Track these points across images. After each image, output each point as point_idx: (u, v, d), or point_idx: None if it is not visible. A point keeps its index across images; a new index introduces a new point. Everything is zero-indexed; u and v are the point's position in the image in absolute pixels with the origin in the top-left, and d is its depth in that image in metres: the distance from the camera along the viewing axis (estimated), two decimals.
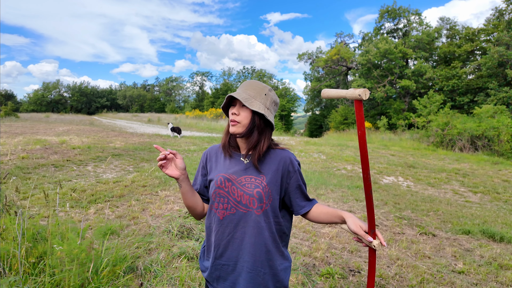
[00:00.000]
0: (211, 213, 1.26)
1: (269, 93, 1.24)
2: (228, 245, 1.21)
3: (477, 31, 24.47)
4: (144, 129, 19.22)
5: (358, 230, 1.10)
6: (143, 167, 7.08)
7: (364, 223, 1.13)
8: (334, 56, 29.98)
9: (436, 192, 6.35)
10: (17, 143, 9.25)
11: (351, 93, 0.94)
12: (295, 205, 1.29)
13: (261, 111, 1.18)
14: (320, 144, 13.86)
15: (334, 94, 1.04)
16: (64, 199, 4.48)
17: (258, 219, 1.19)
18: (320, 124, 35.04)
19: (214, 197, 1.23)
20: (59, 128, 15.83)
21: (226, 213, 1.21)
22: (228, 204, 1.20)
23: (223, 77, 50.10)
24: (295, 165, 1.27)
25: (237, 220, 1.19)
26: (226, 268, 1.23)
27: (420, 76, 24.25)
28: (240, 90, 1.23)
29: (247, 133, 1.21)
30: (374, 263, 1.16)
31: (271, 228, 1.21)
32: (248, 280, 1.20)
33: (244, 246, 1.20)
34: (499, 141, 12.00)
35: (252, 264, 1.19)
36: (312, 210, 1.30)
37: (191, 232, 3.44)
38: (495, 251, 3.38)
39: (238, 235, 1.20)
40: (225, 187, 1.21)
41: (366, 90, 0.92)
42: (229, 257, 1.22)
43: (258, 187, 1.19)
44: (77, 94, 54.60)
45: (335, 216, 1.21)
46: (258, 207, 1.18)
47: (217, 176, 1.25)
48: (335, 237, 3.61)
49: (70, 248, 2.08)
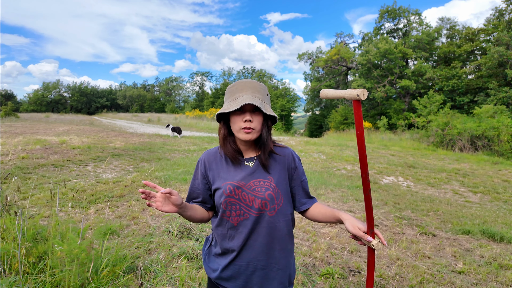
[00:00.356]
0: (223, 221, 1.24)
1: (267, 91, 1.25)
2: (243, 248, 1.22)
3: (477, 31, 24.47)
4: (144, 129, 19.22)
5: (356, 232, 1.10)
6: (143, 167, 7.08)
7: (363, 223, 1.12)
8: (334, 56, 29.98)
9: (436, 192, 6.35)
10: (17, 143, 9.25)
11: (350, 93, 0.94)
12: (297, 201, 1.32)
13: (274, 115, 1.19)
14: (320, 144, 13.86)
15: (332, 95, 1.04)
16: (64, 199, 4.48)
17: (272, 219, 1.21)
18: (320, 124, 35.02)
19: (225, 206, 1.21)
20: (59, 128, 15.83)
21: (239, 219, 1.21)
22: (241, 211, 1.20)
23: (223, 77, 50.15)
24: (296, 161, 1.31)
25: (251, 223, 1.20)
26: (238, 268, 1.24)
27: (420, 76, 24.24)
28: (249, 95, 1.17)
29: (264, 137, 1.22)
30: (373, 263, 1.16)
31: (283, 227, 1.24)
32: (262, 276, 1.22)
33: (259, 246, 1.21)
34: (499, 141, 12.00)
35: (265, 261, 1.22)
36: (311, 209, 1.32)
37: (191, 232, 3.44)
38: (495, 251, 3.38)
39: (253, 237, 1.21)
40: (235, 194, 1.20)
41: (364, 90, 0.93)
42: (244, 257, 1.23)
43: (269, 189, 1.20)
44: (77, 94, 54.59)
45: (332, 217, 1.22)
46: (271, 209, 1.21)
47: (225, 185, 1.22)
48: (335, 237, 3.61)
49: (70, 248, 2.08)
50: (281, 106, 35.50)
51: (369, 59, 25.00)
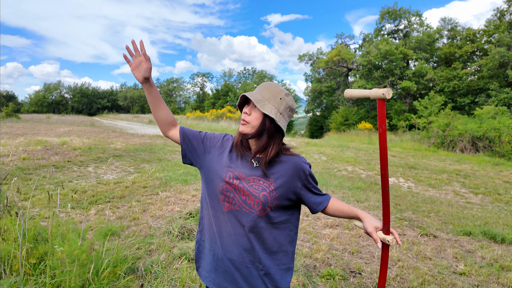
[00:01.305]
0: (215, 202, 1.25)
1: (284, 98, 1.20)
2: (226, 238, 1.23)
3: (478, 32, 24.46)
4: (145, 130, 19.24)
5: (372, 234, 1.17)
6: (143, 168, 7.09)
7: (380, 221, 1.19)
8: (335, 57, 30.01)
9: (437, 193, 6.33)
10: (18, 144, 9.27)
11: (375, 92, 0.97)
12: (312, 204, 1.29)
13: (272, 115, 1.15)
14: (321, 145, 13.86)
15: (357, 94, 1.06)
16: (65, 200, 4.49)
17: (259, 220, 1.20)
18: (321, 125, 35.01)
19: (221, 191, 1.23)
20: (60, 129, 15.86)
21: (230, 207, 1.22)
22: (234, 200, 1.21)
23: (224, 78, 50.22)
24: (306, 169, 1.25)
25: (239, 216, 1.21)
26: (221, 263, 1.25)
27: (421, 77, 24.24)
28: (256, 90, 1.21)
29: (256, 135, 1.20)
30: (386, 259, 1.20)
31: (271, 229, 1.23)
32: (246, 275, 1.22)
33: (243, 242, 1.21)
34: (500, 142, 11.97)
35: (251, 260, 1.22)
36: (328, 206, 1.31)
37: (191, 233, 3.44)
38: (496, 253, 3.37)
39: (238, 231, 1.21)
40: (233, 183, 1.21)
41: (389, 90, 0.95)
42: (227, 250, 1.23)
43: (265, 191, 1.19)
44: (78, 95, 54.70)
45: (352, 215, 1.27)
46: (261, 210, 1.19)
47: (226, 170, 1.24)
48: (336, 238, 3.61)
49: (71, 249, 2.08)
50: None
51: (370, 60, 25.01)
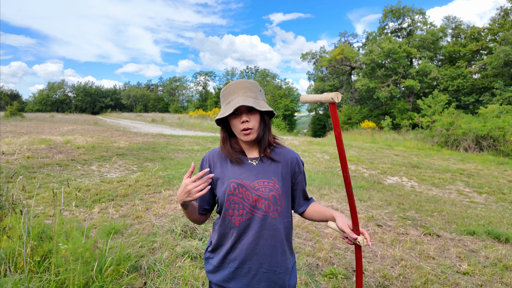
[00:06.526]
0: (226, 220, 1.23)
1: (259, 86, 1.25)
2: (244, 249, 1.21)
3: (482, 30, 24.24)
4: (148, 128, 19.30)
5: (345, 228, 1.14)
6: (147, 167, 7.11)
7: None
8: (338, 55, 29.88)
9: (441, 192, 6.30)
10: (23, 142, 9.34)
11: (325, 97, 0.99)
12: (296, 203, 1.35)
13: (270, 109, 1.20)
14: (324, 144, 13.82)
15: (311, 99, 1.09)
16: (69, 198, 4.52)
17: (274, 221, 1.20)
18: (324, 124, 34.96)
19: (228, 205, 1.20)
20: (63, 127, 15.95)
21: (242, 219, 1.20)
22: (244, 210, 1.19)
23: (227, 77, 50.20)
24: (301, 166, 1.31)
25: (253, 224, 1.19)
26: (240, 271, 1.22)
27: (425, 75, 24.08)
28: (241, 96, 1.18)
29: (261, 135, 1.23)
30: (360, 259, 1.20)
31: (284, 229, 1.24)
32: (264, 280, 1.21)
33: (261, 248, 1.20)
34: (505, 141, 11.87)
35: (268, 264, 1.21)
36: (307, 209, 1.35)
37: (194, 232, 3.45)
38: (500, 252, 3.35)
39: (255, 238, 1.20)
40: (239, 193, 1.20)
41: (338, 94, 0.98)
42: (245, 259, 1.21)
43: (272, 190, 1.20)
44: (82, 94, 54.97)
45: (327, 215, 1.27)
46: (274, 210, 1.20)
47: (229, 182, 1.21)
48: (338, 238, 3.60)
49: (75, 247, 2.09)
50: (285, 106, 35.46)
51: (373, 58, 24.88)
